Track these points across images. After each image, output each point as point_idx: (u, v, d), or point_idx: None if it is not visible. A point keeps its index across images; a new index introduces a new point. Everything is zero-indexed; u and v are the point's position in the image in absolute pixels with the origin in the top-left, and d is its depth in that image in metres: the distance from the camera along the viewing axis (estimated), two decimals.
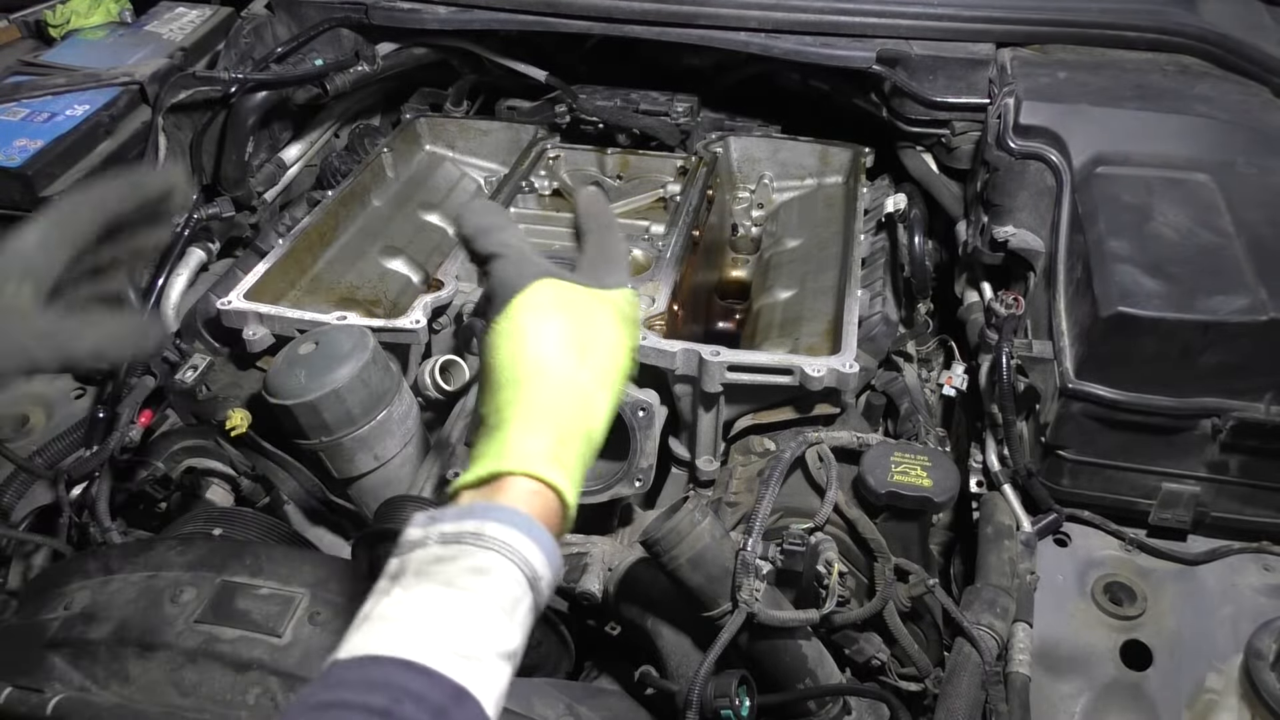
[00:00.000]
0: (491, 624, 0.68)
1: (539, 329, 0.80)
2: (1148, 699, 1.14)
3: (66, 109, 1.60)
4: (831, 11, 1.76)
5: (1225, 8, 1.80)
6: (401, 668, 0.64)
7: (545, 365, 0.79)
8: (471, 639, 0.66)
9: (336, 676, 0.64)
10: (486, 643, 0.67)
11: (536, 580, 0.71)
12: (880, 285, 1.67)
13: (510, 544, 0.70)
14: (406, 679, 0.63)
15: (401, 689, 0.62)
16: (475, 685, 0.65)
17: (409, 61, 1.98)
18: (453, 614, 0.67)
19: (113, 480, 1.43)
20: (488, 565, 0.69)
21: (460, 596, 0.67)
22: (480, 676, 0.65)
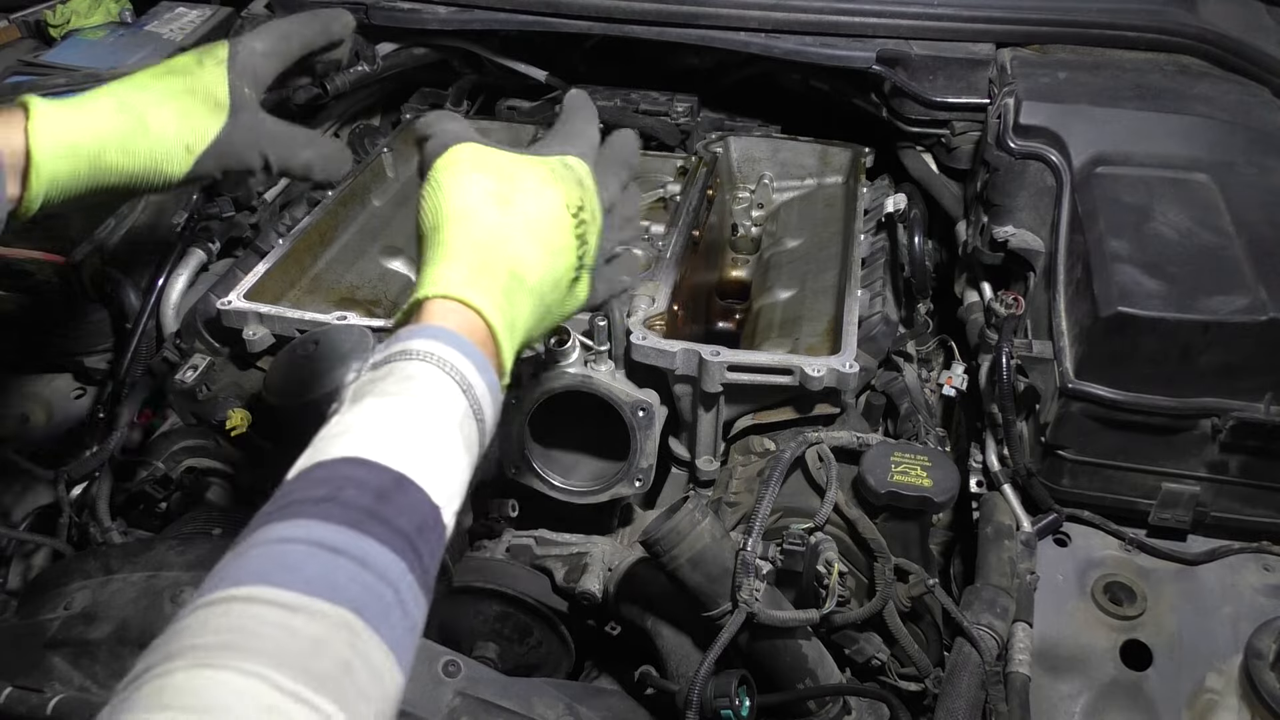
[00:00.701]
0: (426, 420, 0.70)
1: (453, 182, 0.84)
2: (1148, 699, 1.14)
3: None
4: (831, 11, 1.76)
5: (1225, 8, 1.80)
6: (342, 464, 0.67)
7: (460, 212, 0.82)
8: (407, 432, 0.69)
9: (283, 489, 0.67)
10: (423, 435, 0.70)
11: (469, 388, 0.74)
12: (880, 285, 1.67)
13: (433, 352, 0.73)
14: (346, 470, 0.66)
15: (343, 478, 0.65)
16: (416, 472, 0.67)
17: (409, 61, 1.98)
18: (387, 414, 0.70)
19: (113, 480, 1.43)
20: (415, 373, 0.72)
21: (393, 401, 0.70)
22: (421, 465, 0.68)
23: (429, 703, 1.07)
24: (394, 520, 0.64)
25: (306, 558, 0.61)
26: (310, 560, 0.61)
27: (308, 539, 0.62)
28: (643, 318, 1.40)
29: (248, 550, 0.62)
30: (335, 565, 0.61)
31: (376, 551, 0.62)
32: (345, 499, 0.64)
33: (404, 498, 0.66)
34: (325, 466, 0.67)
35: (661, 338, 1.37)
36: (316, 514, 0.63)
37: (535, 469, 1.41)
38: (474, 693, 1.10)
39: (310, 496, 0.65)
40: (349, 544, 0.62)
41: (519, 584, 1.38)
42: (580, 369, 1.35)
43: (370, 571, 0.62)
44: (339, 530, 0.62)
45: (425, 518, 0.67)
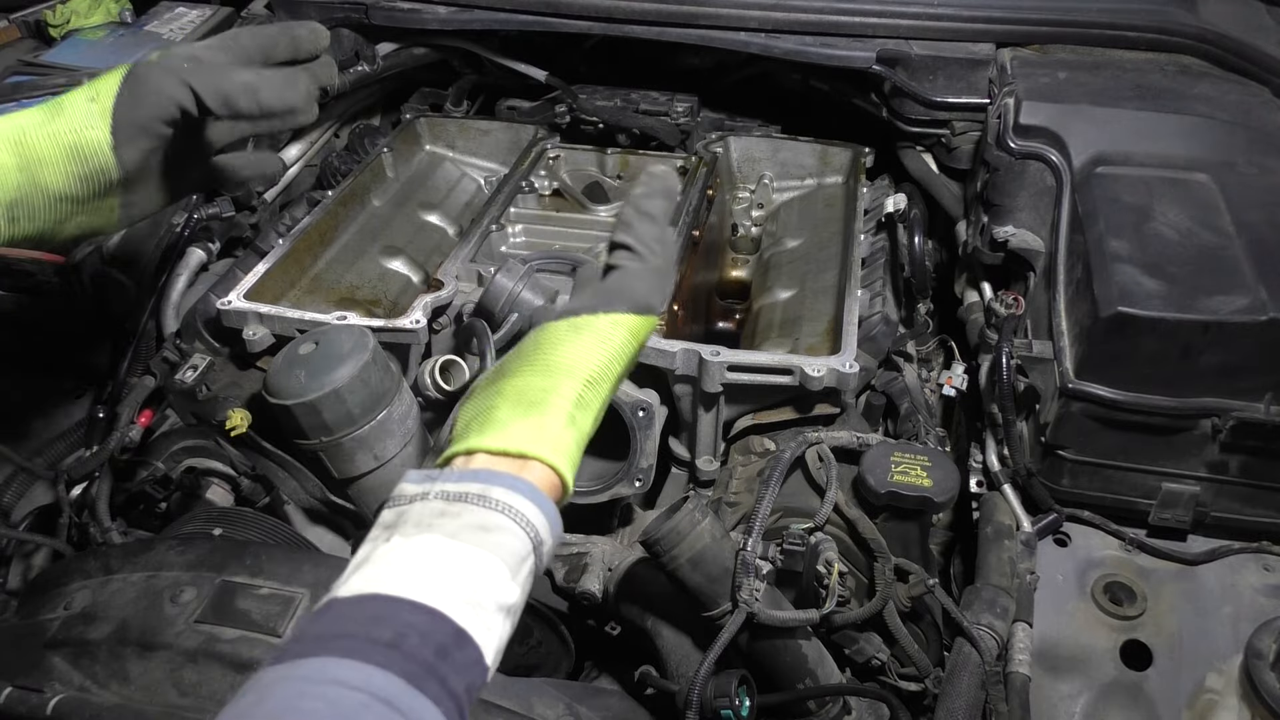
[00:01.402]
0: (495, 577, 0.69)
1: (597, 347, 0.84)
2: (1148, 699, 1.14)
3: None
4: (831, 11, 1.76)
5: (1225, 8, 1.80)
6: (405, 606, 0.65)
7: (574, 372, 0.83)
8: (475, 587, 0.67)
9: (337, 611, 0.65)
10: (489, 593, 0.68)
11: (540, 545, 0.73)
12: (880, 285, 1.67)
13: (515, 508, 0.72)
14: (410, 616, 0.64)
15: (407, 624, 0.64)
16: (476, 631, 0.66)
17: (409, 61, 1.98)
18: (456, 563, 0.68)
19: (113, 480, 1.43)
20: (493, 524, 0.71)
21: (464, 549, 0.69)
22: (482, 624, 0.67)
23: None
24: (449, 680, 0.64)
25: (363, 711, 0.59)
26: (366, 715, 0.59)
27: (367, 689, 0.60)
28: None
29: (302, 684, 0.60)
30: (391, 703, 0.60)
31: (431, 715, 0.62)
32: (407, 649, 0.63)
33: (462, 656, 0.65)
34: (385, 603, 0.65)
35: (661, 338, 1.37)
36: (376, 659, 0.62)
37: None
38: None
39: (368, 635, 0.63)
40: (406, 702, 0.61)
41: None
42: None
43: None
44: (397, 683, 0.61)
45: (474, 680, 0.66)
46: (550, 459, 0.78)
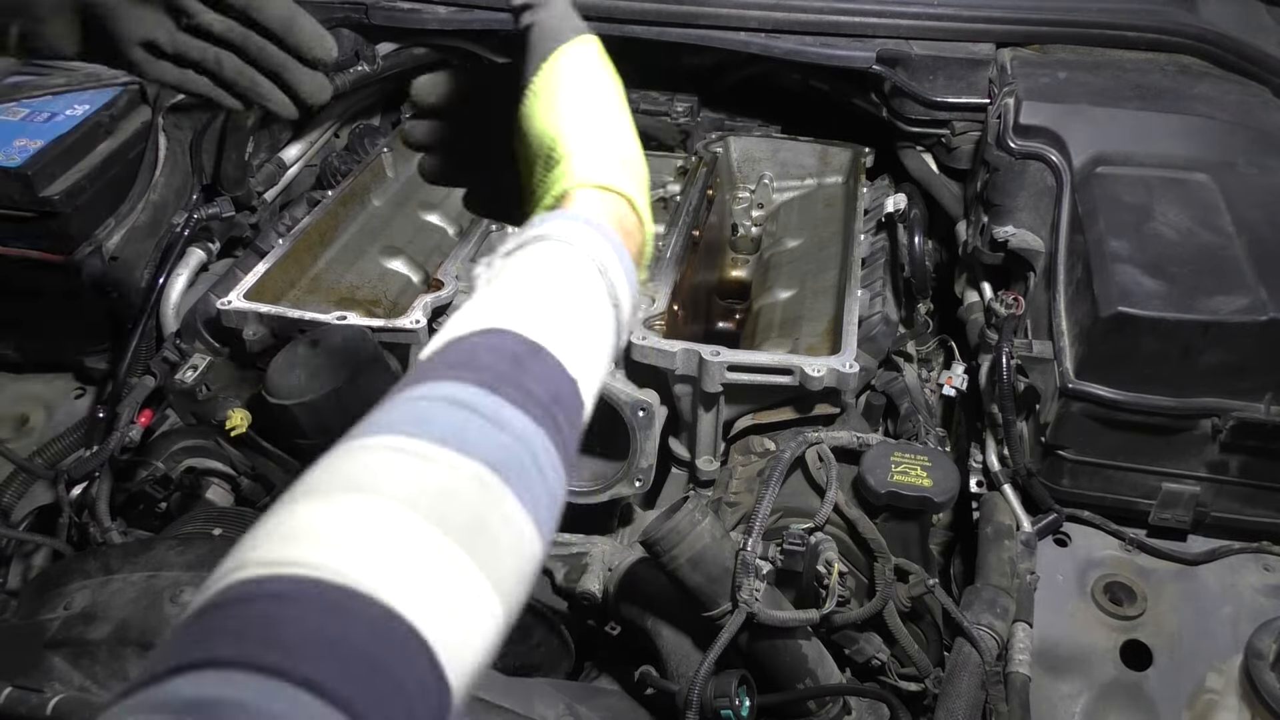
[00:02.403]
0: (561, 295, 0.67)
1: (592, 76, 0.81)
2: (1148, 699, 1.14)
3: (66, 109, 1.60)
4: (831, 11, 1.76)
5: (1225, 8, 1.80)
6: (474, 335, 0.63)
7: (602, 107, 0.81)
8: (541, 305, 0.66)
9: (417, 368, 0.63)
10: (558, 309, 0.67)
11: (605, 271, 0.70)
12: (880, 285, 1.67)
13: (568, 236, 0.70)
14: (479, 339, 0.63)
15: (475, 344, 0.63)
16: (552, 344, 0.64)
17: (409, 61, 1.98)
18: (520, 289, 0.67)
19: (113, 480, 1.43)
20: (549, 253, 0.69)
21: (527, 277, 0.68)
22: (556, 337, 0.65)
23: None
24: (529, 385, 0.61)
25: (437, 411, 0.57)
26: (441, 413, 0.57)
27: (438, 395, 0.58)
28: (643, 318, 1.40)
29: (373, 413, 0.58)
30: (468, 421, 0.57)
31: (511, 413, 0.59)
32: (479, 363, 0.61)
33: (540, 366, 0.63)
34: (458, 341, 0.63)
35: (661, 338, 1.37)
36: (448, 376, 0.60)
37: None
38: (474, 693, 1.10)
39: (443, 362, 0.61)
40: (482, 402, 0.58)
41: None
42: None
43: (506, 433, 0.58)
44: (471, 389, 0.59)
45: (561, 389, 0.64)
46: (606, 183, 0.76)
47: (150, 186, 1.63)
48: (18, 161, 1.47)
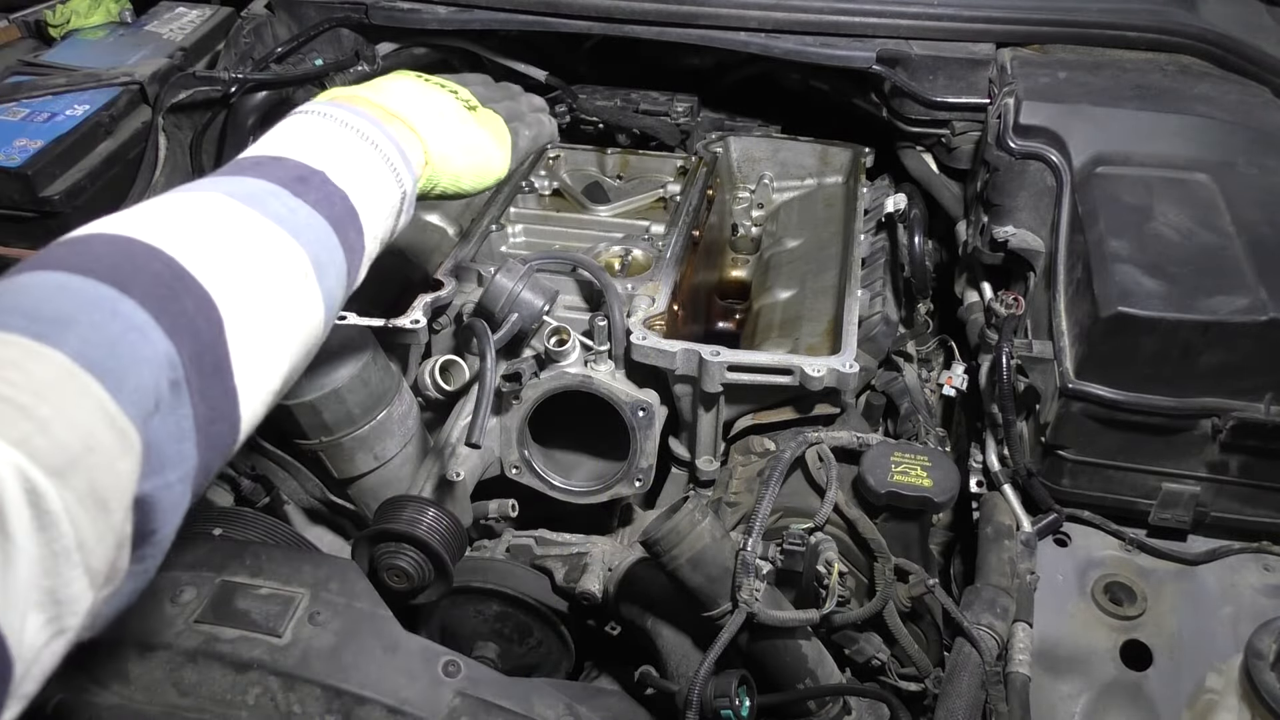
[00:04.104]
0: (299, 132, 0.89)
1: None
2: (1148, 699, 1.14)
3: (66, 109, 1.60)
4: (831, 11, 1.76)
5: (1225, 8, 1.80)
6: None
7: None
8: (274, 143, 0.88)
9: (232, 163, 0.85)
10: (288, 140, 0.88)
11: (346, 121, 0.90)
12: (880, 285, 1.67)
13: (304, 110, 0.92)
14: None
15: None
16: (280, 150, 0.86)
17: (409, 61, 1.98)
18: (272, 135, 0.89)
19: None
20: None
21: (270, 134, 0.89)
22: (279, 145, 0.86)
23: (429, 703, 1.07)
24: (267, 171, 0.81)
25: (187, 185, 0.78)
26: (188, 185, 0.78)
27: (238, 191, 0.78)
28: (643, 318, 1.40)
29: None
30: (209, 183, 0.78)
31: (248, 180, 0.79)
32: (217, 172, 0.82)
33: (277, 164, 0.83)
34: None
35: (661, 338, 1.37)
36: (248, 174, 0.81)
37: (535, 469, 1.41)
38: (474, 693, 1.10)
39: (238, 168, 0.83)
40: (214, 180, 0.79)
41: (519, 584, 1.38)
42: (580, 369, 1.35)
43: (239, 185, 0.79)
44: (207, 178, 0.80)
45: (306, 174, 0.82)
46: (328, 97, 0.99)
47: (150, 186, 1.63)
48: (18, 161, 1.47)
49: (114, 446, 0.56)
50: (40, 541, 0.51)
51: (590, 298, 1.46)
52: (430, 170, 1.00)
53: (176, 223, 0.70)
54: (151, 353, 0.60)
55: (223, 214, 0.74)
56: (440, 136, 1.00)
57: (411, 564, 1.21)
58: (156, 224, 0.69)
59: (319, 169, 0.83)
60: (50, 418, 0.52)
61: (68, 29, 1.88)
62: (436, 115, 1.02)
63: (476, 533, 1.50)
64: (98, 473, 0.54)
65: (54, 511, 0.51)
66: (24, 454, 0.50)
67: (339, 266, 0.81)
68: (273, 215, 0.75)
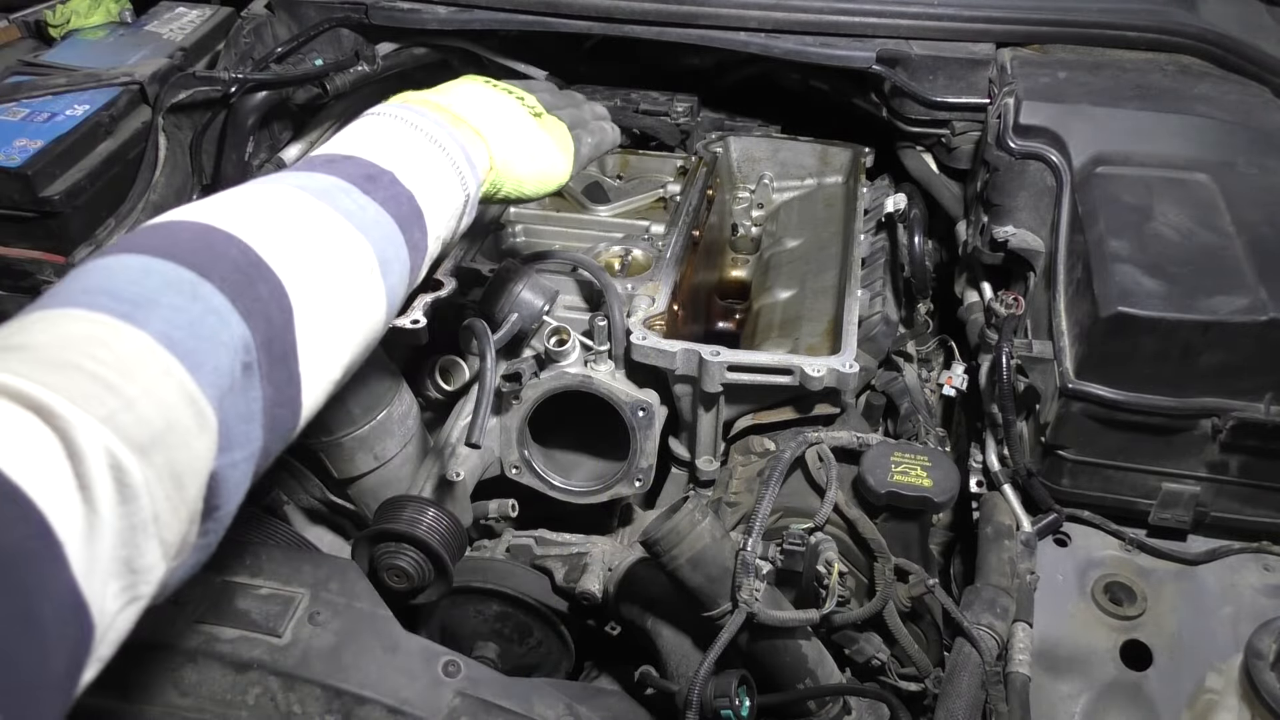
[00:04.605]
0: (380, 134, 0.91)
1: None
2: (1148, 699, 1.14)
3: (66, 109, 1.60)
4: (831, 11, 1.76)
5: (1225, 8, 1.80)
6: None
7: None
8: (349, 142, 0.90)
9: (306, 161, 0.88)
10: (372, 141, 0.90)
11: (417, 124, 0.93)
12: (880, 285, 1.67)
13: (376, 112, 0.95)
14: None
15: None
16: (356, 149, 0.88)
17: (409, 61, 1.98)
18: (339, 137, 0.91)
19: None
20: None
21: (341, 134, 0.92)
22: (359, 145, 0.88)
23: (429, 703, 1.07)
24: (339, 169, 0.83)
25: (262, 178, 0.81)
26: (262, 178, 0.81)
27: (309, 185, 0.81)
28: (643, 318, 1.40)
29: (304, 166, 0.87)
30: (283, 176, 0.81)
31: (321, 176, 0.82)
32: (292, 168, 0.84)
33: (349, 162, 0.85)
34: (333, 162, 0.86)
35: (661, 338, 1.37)
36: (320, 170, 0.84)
37: (535, 469, 1.41)
38: (474, 693, 1.10)
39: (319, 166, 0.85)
40: (289, 174, 0.82)
41: (519, 584, 1.38)
42: (580, 369, 1.35)
43: (313, 180, 0.81)
44: (283, 173, 0.83)
45: (375, 173, 0.84)
46: (400, 99, 1.01)
47: (150, 186, 1.63)
48: (18, 161, 1.47)
49: (192, 425, 0.58)
50: (121, 514, 0.53)
51: (590, 298, 1.46)
52: (494, 175, 1.01)
53: (253, 212, 0.73)
54: (228, 336, 0.63)
55: (295, 206, 0.76)
56: (505, 142, 1.01)
57: (411, 564, 1.21)
58: (234, 213, 0.72)
59: (388, 169, 0.84)
60: (136, 396, 0.55)
61: (68, 29, 1.88)
62: (503, 121, 1.02)
63: (476, 533, 1.50)
64: (176, 450, 0.57)
65: (135, 486, 0.53)
66: (111, 430, 0.53)
67: (403, 264, 0.83)
68: (342, 210, 0.78)
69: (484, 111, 1.01)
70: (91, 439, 0.52)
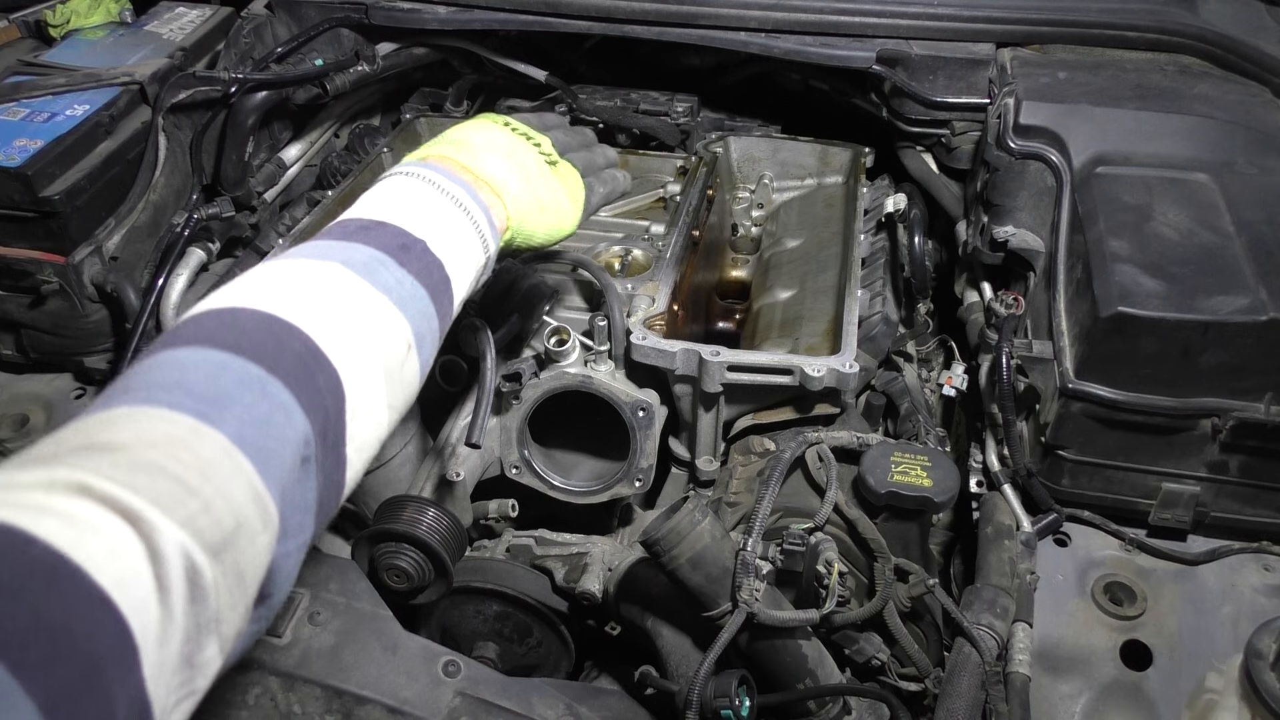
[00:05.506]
0: (408, 198, 0.92)
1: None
2: (1148, 699, 1.14)
3: (66, 109, 1.60)
4: (831, 11, 1.76)
5: (1225, 8, 1.80)
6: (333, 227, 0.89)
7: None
8: (383, 204, 0.91)
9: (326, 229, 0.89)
10: (404, 207, 0.91)
11: (443, 186, 0.94)
12: (880, 285, 1.67)
13: (395, 171, 0.96)
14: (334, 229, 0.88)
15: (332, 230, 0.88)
16: (391, 216, 0.88)
17: (409, 61, 1.98)
18: (365, 200, 0.92)
19: None
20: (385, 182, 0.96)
21: (366, 197, 0.93)
22: (393, 210, 0.89)
23: (429, 703, 1.07)
24: (374, 237, 0.84)
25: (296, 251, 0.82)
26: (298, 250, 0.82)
27: (297, 248, 0.83)
28: (643, 318, 1.40)
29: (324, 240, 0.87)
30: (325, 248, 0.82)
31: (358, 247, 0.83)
32: (327, 232, 0.85)
33: (382, 229, 0.86)
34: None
35: (661, 338, 1.37)
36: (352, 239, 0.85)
37: (535, 469, 1.41)
38: (474, 693, 1.10)
39: (334, 233, 0.86)
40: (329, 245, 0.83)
41: (519, 584, 1.38)
42: (580, 369, 1.35)
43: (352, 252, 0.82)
44: (321, 242, 0.84)
45: (409, 242, 0.86)
46: (419, 156, 1.02)
47: (150, 186, 1.63)
48: (18, 161, 1.47)
49: (257, 522, 0.60)
50: (190, 614, 0.55)
51: (590, 298, 1.46)
52: (510, 232, 1.03)
53: (309, 299, 0.75)
54: (293, 433, 0.65)
55: (344, 288, 0.78)
56: (522, 199, 1.03)
57: (411, 564, 1.21)
58: (293, 300, 0.74)
59: (420, 237, 0.87)
60: (212, 497, 0.56)
61: (68, 29, 1.88)
62: (520, 176, 1.03)
63: (476, 533, 1.50)
64: (243, 549, 0.59)
65: (206, 587, 0.55)
66: (190, 534, 0.54)
67: (434, 336, 0.87)
68: (383, 287, 0.80)
69: (503, 167, 1.01)
70: (172, 542, 0.53)
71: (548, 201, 1.06)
